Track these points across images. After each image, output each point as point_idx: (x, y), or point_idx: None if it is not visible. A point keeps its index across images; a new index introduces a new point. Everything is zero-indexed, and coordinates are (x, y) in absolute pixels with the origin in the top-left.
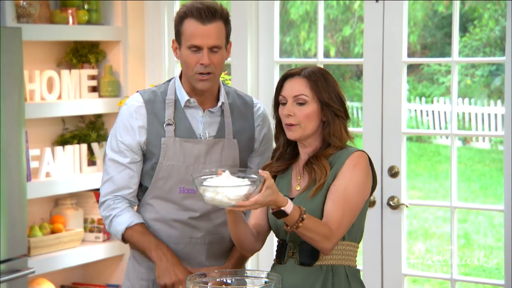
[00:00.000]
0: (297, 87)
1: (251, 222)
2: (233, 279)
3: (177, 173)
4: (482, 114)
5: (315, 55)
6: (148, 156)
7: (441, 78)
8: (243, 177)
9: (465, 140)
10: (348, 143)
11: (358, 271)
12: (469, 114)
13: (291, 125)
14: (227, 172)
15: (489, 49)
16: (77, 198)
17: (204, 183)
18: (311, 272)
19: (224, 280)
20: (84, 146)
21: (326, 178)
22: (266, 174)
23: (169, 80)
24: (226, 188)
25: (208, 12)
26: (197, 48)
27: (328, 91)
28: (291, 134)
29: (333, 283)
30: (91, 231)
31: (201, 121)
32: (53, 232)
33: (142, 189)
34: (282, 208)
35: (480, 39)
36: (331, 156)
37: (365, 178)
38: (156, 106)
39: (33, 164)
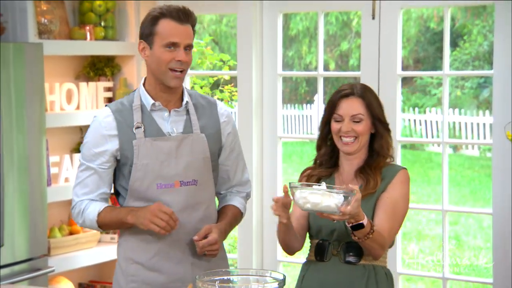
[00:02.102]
0: (354, 106)
1: (293, 225)
2: (239, 278)
3: (152, 170)
4: (472, 124)
5: (315, 68)
6: (123, 161)
7: (433, 90)
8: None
9: (455, 147)
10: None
11: (390, 271)
12: (459, 123)
13: (348, 141)
14: (324, 184)
15: (478, 63)
16: None
17: (305, 189)
18: (355, 270)
19: (231, 279)
20: None
21: (376, 189)
22: (356, 188)
23: (135, 90)
24: (331, 194)
25: (184, 13)
26: (174, 46)
27: (379, 108)
28: (348, 149)
29: (376, 281)
30: (106, 232)
31: (168, 121)
32: (71, 233)
33: (122, 195)
34: (361, 222)
35: (470, 53)
36: (382, 169)
37: (409, 193)
38: (124, 114)
39: (53, 170)
